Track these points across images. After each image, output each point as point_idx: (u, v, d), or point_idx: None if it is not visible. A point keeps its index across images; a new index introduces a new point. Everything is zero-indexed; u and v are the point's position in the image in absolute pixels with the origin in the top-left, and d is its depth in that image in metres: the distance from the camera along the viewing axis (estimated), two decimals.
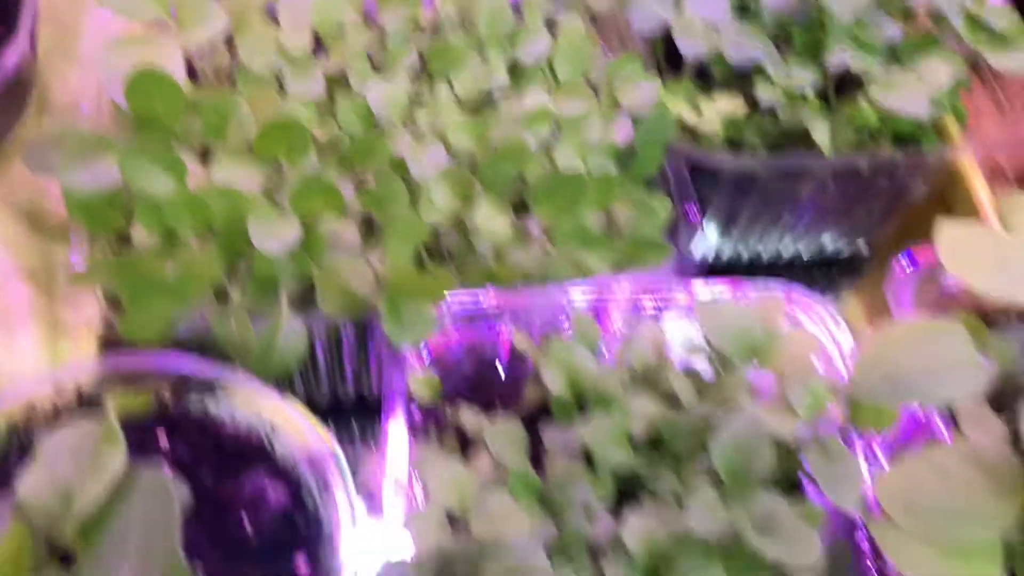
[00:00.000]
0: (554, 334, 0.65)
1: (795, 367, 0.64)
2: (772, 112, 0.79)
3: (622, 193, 0.71)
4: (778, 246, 0.91)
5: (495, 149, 0.69)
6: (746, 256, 0.92)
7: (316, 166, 0.68)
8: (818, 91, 0.79)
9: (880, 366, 0.59)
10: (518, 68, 0.79)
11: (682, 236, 0.73)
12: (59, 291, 0.70)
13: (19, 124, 0.84)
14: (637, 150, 0.74)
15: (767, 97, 0.78)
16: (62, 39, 0.91)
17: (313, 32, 0.78)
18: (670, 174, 0.75)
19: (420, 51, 0.78)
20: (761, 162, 0.78)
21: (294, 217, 0.64)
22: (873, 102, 0.76)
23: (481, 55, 0.78)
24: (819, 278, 0.92)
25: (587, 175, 0.69)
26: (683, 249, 0.72)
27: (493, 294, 0.67)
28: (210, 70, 0.77)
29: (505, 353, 0.70)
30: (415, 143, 0.70)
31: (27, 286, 0.74)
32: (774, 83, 0.77)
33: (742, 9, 0.83)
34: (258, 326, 0.63)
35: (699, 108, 0.78)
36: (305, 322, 0.64)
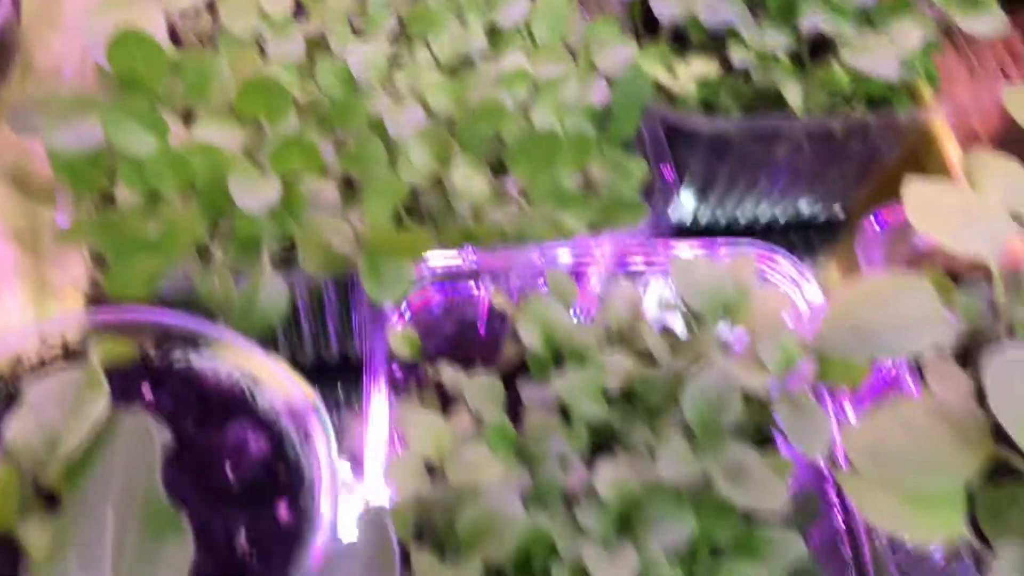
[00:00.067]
0: (532, 292, 0.67)
1: (766, 323, 0.66)
2: (746, 75, 0.80)
3: (599, 154, 0.73)
4: (755, 211, 0.92)
5: (472, 110, 0.70)
6: (723, 221, 0.93)
7: (296, 126, 0.69)
8: (791, 54, 0.80)
9: (847, 320, 0.60)
10: (496, 31, 0.79)
11: (658, 197, 0.74)
12: (45, 251, 0.71)
13: (3, 88, 0.85)
14: (614, 112, 0.75)
15: (740, 59, 0.79)
16: (45, 6, 0.91)
17: None
18: (646, 136, 0.76)
19: (399, 14, 0.79)
20: (735, 124, 0.79)
21: (274, 176, 0.65)
22: (844, 64, 0.77)
23: (460, 18, 0.79)
24: (796, 242, 0.94)
25: (563, 135, 0.70)
26: (659, 210, 0.73)
27: (472, 253, 0.68)
28: (192, 34, 0.78)
29: (484, 312, 0.71)
30: (394, 104, 0.71)
31: (13, 247, 0.74)
32: (747, 46, 0.78)
33: None
34: (240, 284, 0.65)
35: (674, 71, 0.79)
36: (287, 280, 0.65)
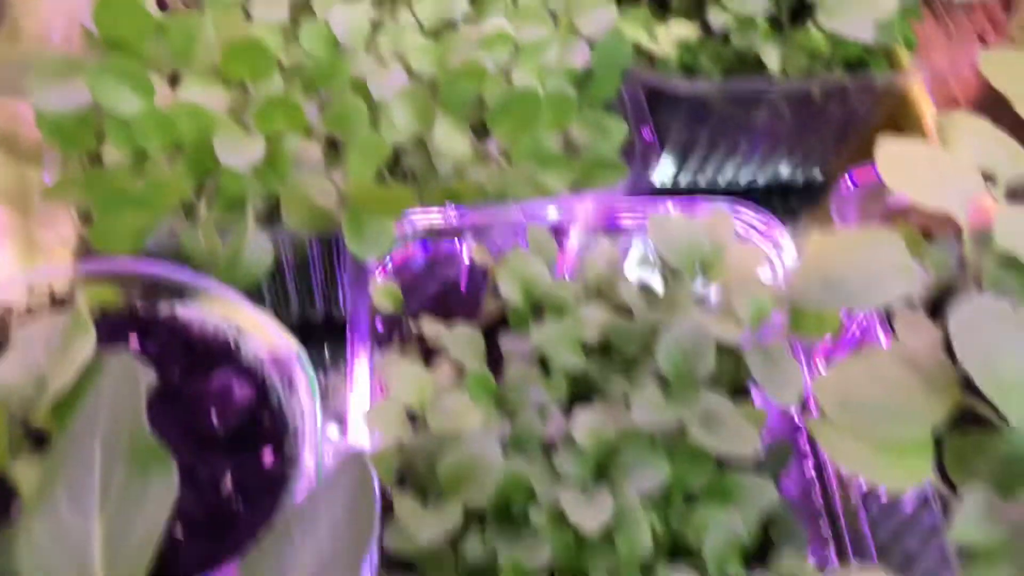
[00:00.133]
0: (512, 248, 0.68)
1: (741, 278, 0.67)
2: (725, 38, 0.81)
3: (579, 115, 0.74)
4: (735, 174, 0.93)
5: (454, 72, 0.71)
6: (703, 185, 0.94)
7: (280, 88, 0.70)
8: (770, 17, 0.81)
9: (819, 272, 0.62)
10: None
11: (638, 158, 0.75)
12: (34, 211, 0.72)
13: None
14: (594, 74, 0.76)
15: (719, 22, 0.80)
16: None
17: None
18: (627, 99, 0.78)
19: None
20: (715, 86, 0.80)
21: (259, 135, 0.67)
22: (821, 27, 0.78)
23: None
24: (776, 206, 0.95)
25: (544, 96, 0.71)
26: (638, 170, 0.74)
27: (454, 212, 0.69)
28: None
29: (466, 269, 0.72)
30: (377, 66, 0.72)
31: (2, 207, 0.75)
32: (726, 8, 0.79)
33: None
34: (226, 241, 0.66)
35: (654, 34, 0.80)
36: (272, 238, 0.67)
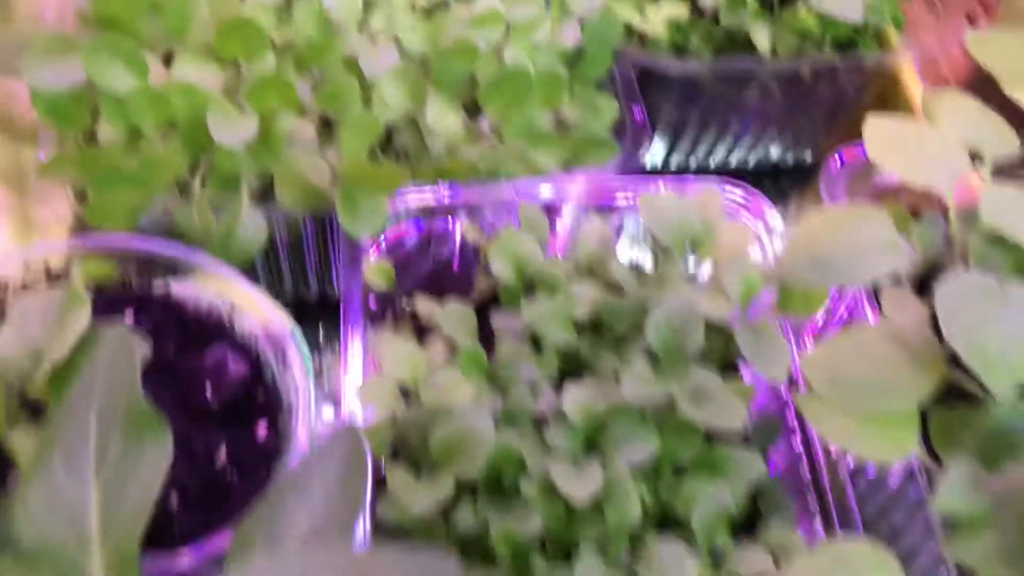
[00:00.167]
0: (504, 226, 0.68)
1: (730, 256, 0.68)
2: (715, 17, 0.81)
3: (570, 94, 0.74)
4: (726, 156, 0.94)
5: (446, 50, 0.71)
6: (694, 166, 0.95)
7: (273, 66, 0.71)
8: None
9: (807, 250, 0.62)
10: None
11: (628, 137, 0.76)
12: (30, 190, 0.73)
13: None
14: (585, 54, 0.77)
15: (709, 1, 0.80)
16: None
17: None
18: (618, 78, 0.78)
19: None
20: (705, 66, 0.81)
21: (252, 113, 0.67)
22: (811, 7, 0.78)
23: None
24: (766, 187, 0.95)
25: (535, 74, 0.71)
26: (629, 149, 0.75)
27: (446, 189, 0.70)
28: None
29: (458, 247, 0.73)
30: (369, 45, 0.73)
31: None
32: None
33: None
34: (220, 218, 0.66)
35: (645, 13, 0.81)
36: (266, 216, 0.67)
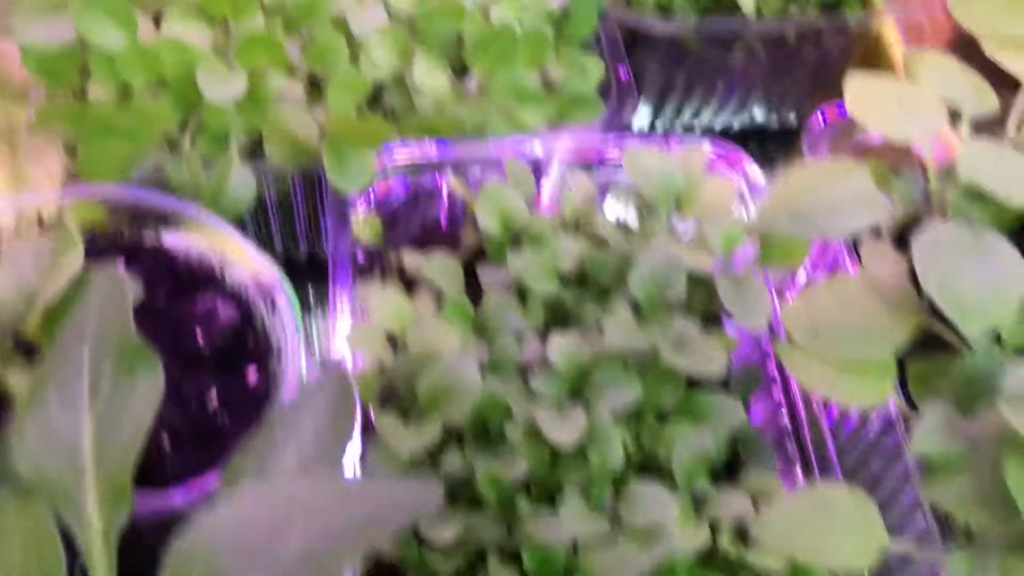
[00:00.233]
0: (490, 181, 0.69)
1: (713, 211, 0.69)
2: None
3: (556, 54, 0.75)
4: (711, 119, 0.95)
5: (432, 9, 0.72)
6: (680, 130, 0.96)
7: (262, 25, 0.71)
8: None
9: (788, 203, 0.63)
10: None
11: (614, 97, 0.77)
12: (22, 147, 0.73)
13: None
14: (571, 14, 0.78)
15: None
16: None
17: None
18: (604, 39, 0.79)
19: None
20: (690, 26, 0.82)
21: (241, 71, 0.68)
22: None
23: None
24: (752, 151, 0.96)
25: (521, 32, 0.72)
26: (615, 109, 0.76)
27: (434, 146, 0.71)
28: None
29: (446, 204, 0.74)
30: (356, 4, 0.73)
31: None
32: None
33: None
34: (210, 174, 0.67)
35: None
36: (255, 172, 0.68)
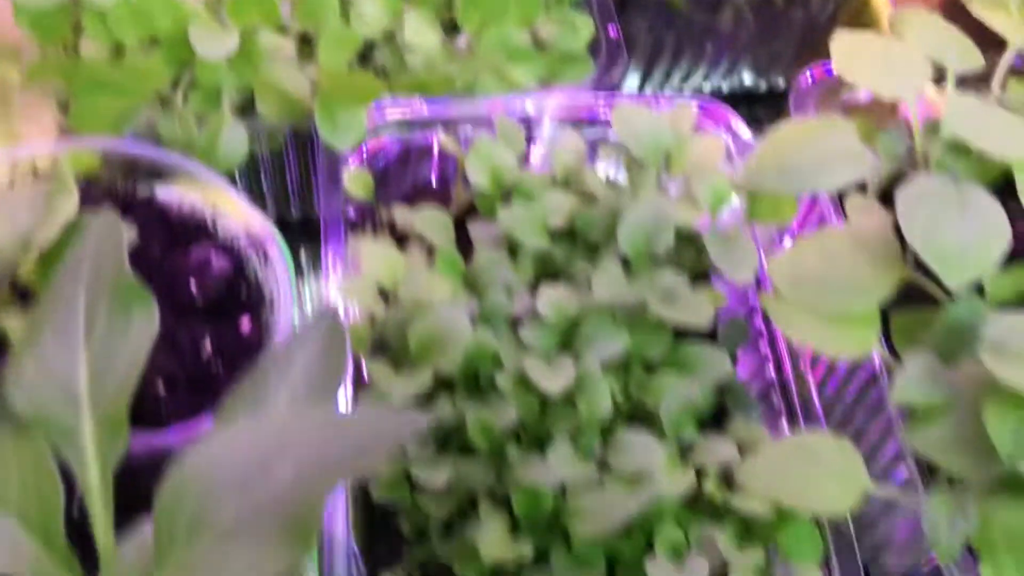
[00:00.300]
0: (481, 136, 0.70)
1: (701, 167, 0.70)
2: None
3: (547, 12, 0.76)
4: (700, 83, 0.95)
5: None
6: (669, 93, 0.96)
7: None
8: None
9: (775, 159, 0.64)
10: None
11: (603, 55, 0.77)
12: (14, 105, 0.74)
13: None
14: None
15: None
16: None
17: None
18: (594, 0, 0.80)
19: None
20: None
21: (233, 28, 0.68)
22: None
23: None
24: (740, 114, 0.97)
25: None
26: (604, 67, 0.77)
27: (424, 104, 0.71)
28: None
29: (437, 162, 0.74)
30: None
31: None
32: None
33: None
34: (202, 131, 0.68)
35: None
36: (247, 130, 0.69)
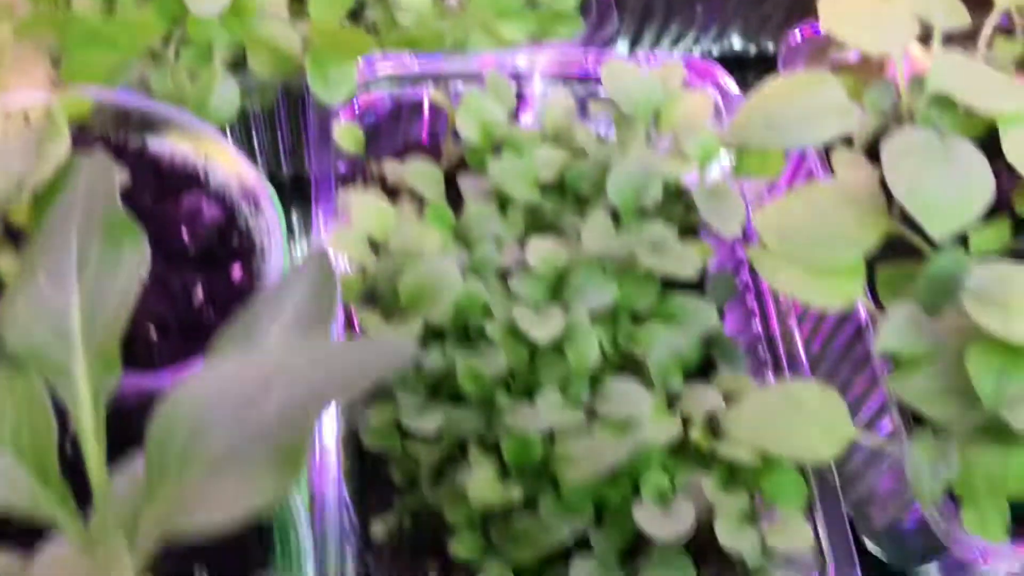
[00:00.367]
0: (471, 91, 0.71)
1: (690, 124, 0.70)
2: None
3: None
4: (690, 47, 0.96)
5: None
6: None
7: None
8: None
9: (762, 113, 0.64)
10: None
11: (594, 13, 0.78)
12: (7, 59, 0.74)
13: None
14: None
15: None
16: None
17: None
18: None
19: None
20: None
21: None
22: None
23: None
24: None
25: None
26: (594, 25, 0.77)
27: (415, 60, 0.72)
28: None
29: (427, 118, 0.75)
30: None
31: None
32: None
33: None
34: (193, 86, 0.68)
35: None
36: (239, 85, 0.69)
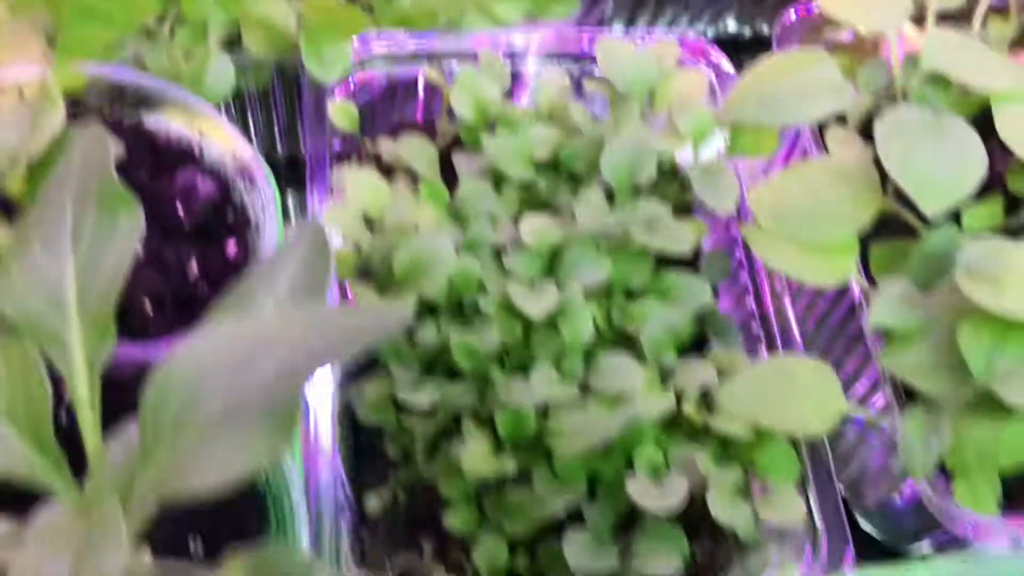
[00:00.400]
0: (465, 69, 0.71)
1: (684, 101, 0.70)
2: None
3: None
4: (685, 30, 0.96)
5: None
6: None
7: None
8: None
9: (756, 91, 0.65)
10: None
11: None
12: (3, 36, 0.74)
13: None
14: None
15: None
16: None
17: None
18: None
19: None
20: None
21: None
22: None
23: None
24: None
25: None
26: (589, 5, 0.77)
27: (411, 39, 0.72)
28: None
29: (422, 99, 0.75)
30: None
31: None
32: None
33: None
34: (188, 64, 0.68)
35: None
36: (234, 63, 0.69)
